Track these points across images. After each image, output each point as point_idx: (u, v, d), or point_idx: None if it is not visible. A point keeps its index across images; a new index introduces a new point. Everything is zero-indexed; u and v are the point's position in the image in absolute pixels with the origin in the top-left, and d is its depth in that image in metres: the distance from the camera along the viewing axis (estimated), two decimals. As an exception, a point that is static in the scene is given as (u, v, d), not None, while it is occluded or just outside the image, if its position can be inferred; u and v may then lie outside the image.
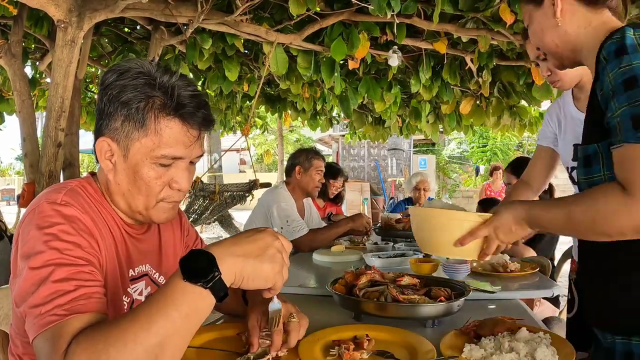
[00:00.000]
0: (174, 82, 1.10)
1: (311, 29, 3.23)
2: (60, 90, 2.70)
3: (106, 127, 1.12)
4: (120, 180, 1.14)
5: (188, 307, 0.87)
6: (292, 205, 3.38)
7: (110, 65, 1.16)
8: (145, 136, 1.09)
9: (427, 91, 4.06)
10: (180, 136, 1.10)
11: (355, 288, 1.59)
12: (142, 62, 1.12)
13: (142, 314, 0.86)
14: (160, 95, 1.08)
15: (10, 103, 4.63)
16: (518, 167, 3.38)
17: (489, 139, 19.63)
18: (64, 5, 2.55)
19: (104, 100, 1.11)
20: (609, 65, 1.12)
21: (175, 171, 1.14)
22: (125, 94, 1.08)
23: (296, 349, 1.23)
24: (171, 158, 1.11)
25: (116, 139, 1.11)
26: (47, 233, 1.00)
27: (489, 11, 2.85)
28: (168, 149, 1.10)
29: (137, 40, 4.00)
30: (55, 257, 0.98)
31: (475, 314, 1.45)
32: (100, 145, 1.13)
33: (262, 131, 8.97)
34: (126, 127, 1.09)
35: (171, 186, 1.15)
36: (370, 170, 14.86)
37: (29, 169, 3.19)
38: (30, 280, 0.96)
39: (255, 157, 27.72)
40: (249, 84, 4.52)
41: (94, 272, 1.02)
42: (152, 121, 1.08)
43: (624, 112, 1.08)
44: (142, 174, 1.12)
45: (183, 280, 0.87)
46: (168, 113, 1.08)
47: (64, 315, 0.91)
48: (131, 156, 1.11)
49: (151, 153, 1.10)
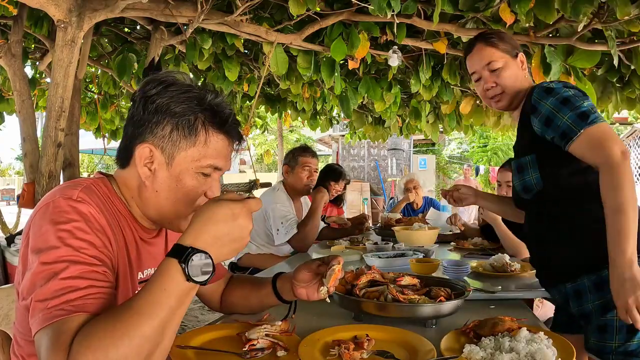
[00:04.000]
0: (218, 100, 1.17)
1: (311, 29, 3.23)
2: (60, 90, 2.70)
3: (149, 135, 1.14)
4: (160, 188, 1.16)
5: (177, 291, 0.92)
6: (288, 205, 3.39)
7: (149, 78, 1.19)
8: (193, 146, 1.14)
9: (427, 91, 4.05)
10: (223, 149, 1.18)
11: (355, 288, 1.59)
12: (182, 75, 1.19)
13: (134, 299, 0.91)
14: (209, 110, 1.15)
15: (10, 103, 4.63)
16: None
17: (489, 139, 19.63)
18: (64, 5, 2.55)
19: (149, 109, 1.14)
20: (543, 99, 1.66)
21: (212, 181, 1.20)
22: (177, 104, 1.13)
23: (296, 349, 1.23)
24: (214, 168, 1.17)
25: (161, 146, 1.14)
26: (62, 229, 1.00)
27: (488, 11, 2.85)
28: (213, 160, 1.16)
29: (137, 40, 4.00)
30: (69, 254, 0.98)
31: (475, 314, 1.45)
32: (142, 151, 1.14)
33: (262, 131, 8.97)
34: (175, 135, 1.13)
35: (207, 195, 1.19)
36: (370, 170, 14.86)
37: (28, 169, 3.19)
38: (41, 274, 0.96)
39: (255, 157, 27.71)
40: (249, 83, 4.52)
41: (107, 272, 1.02)
42: (203, 133, 1.14)
43: (570, 116, 1.57)
44: (185, 182, 1.16)
45: (167, 260, 0.93)
46: (217, 128, 1.16)
47: (70, 311, 0.91)
48: (175, 164, 1.15)
49: (197, 163, 1.15)
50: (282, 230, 3.21)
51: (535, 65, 3.01)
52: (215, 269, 0.96)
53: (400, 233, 3.19)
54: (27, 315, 0.99)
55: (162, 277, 0.92)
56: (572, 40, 2.94)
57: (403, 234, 3.16)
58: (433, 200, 5.55)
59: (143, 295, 0.91)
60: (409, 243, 3.03)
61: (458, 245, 3.19)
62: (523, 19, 2.68)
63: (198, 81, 4.64)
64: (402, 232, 3.18)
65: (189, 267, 0.92)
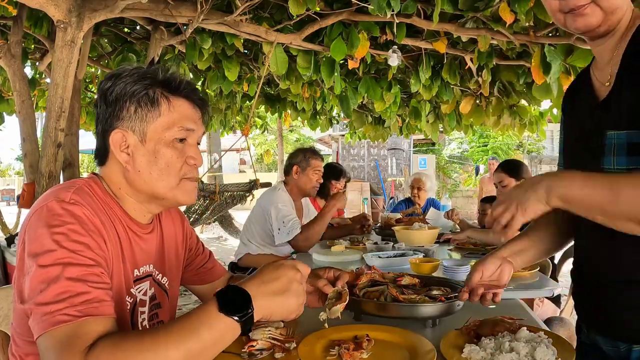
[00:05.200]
0: (170, 73, 1.23)
1: (311, 29, 3.23)
2: (60, 90, 2.69)
3: (117, 121, 1.19)
4: (141, 167, 1.19)
5: (218, 333, 0.94)
6: (290, 205, 3.38)
7: (103, 76, 1.26)
8: (159, 116, 1.19)
9: (426, 91, 4.05)
10: (189, 112, 1.23)
11: (356, 288, 1.59)
12: (131, 64, 1.28)
13: (175, 330, 0.92)
14: (163, 81, 1.21)
15: (10, 103, 4.63)
16: (511, 168, 3.36)
17: (489, 139, 19.62)
18: (64, 5, 2.55)
19: (109, 100, 1.19)
20: None
21: (189, 148, 1.23)
22: (131, 86, 1.18)
23: (296, 349, 1.23)
24: (186, 130, 1.21)
25: (131, 127, 1.18)
26: (57, 232, 1.01)
27: (488, 11, 2.85)
28: (182, 123, 1.20)
29: (137, 40, 4.00)
30: (66, 256, 0.99)
31: (475, 313, 1.45)
32: (115, 137, 1.18)
33: (262, 131, 8.96)
34: (140, 112, 1.18)
35: (188, 162, 1.23)
36: (370, 170, 14.86)
37: (28, 169, 3.19)
38: (39, 278, 0.96)
39: (255, 157, 27.71)
40: (248, 83, 4.52)
41: (103, 274, 1.03)
42: (164, 101, 1.19)
43: None
44: (162, 153, 1.19)
45: (218, 311, 0.94)
46: (174, 93, 1.21)
47: (77, 317, 0.92)
48: (149, 139, 1.19)
49: (168, 130, 1.19)
50: (284, 230, 3.20)
51: (535, 64, 3.01)
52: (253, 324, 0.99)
53: (400, 233, 3.19)
54: (24, 317, 0.99)
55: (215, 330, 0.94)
56: (572, 40, 2.94)
57: (403, 234, 3.16)
58: (434, 200, 5.55)
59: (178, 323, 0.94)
60: (409, 243, 3.03)
61: (458, 245, 3.19)
62: (523, 18, 2.68)
63: (198, 81, 4.65)
64: (402, 232, 3.18)
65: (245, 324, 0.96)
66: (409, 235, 3.13)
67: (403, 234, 3.16)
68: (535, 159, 17.10)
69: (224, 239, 11.42)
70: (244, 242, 3.52)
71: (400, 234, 3.17)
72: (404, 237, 3.12)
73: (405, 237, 3.11)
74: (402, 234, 3.16)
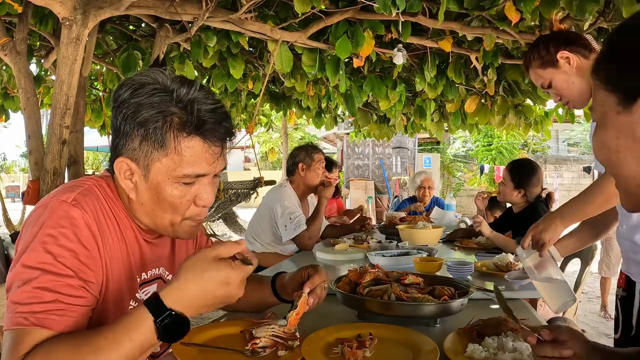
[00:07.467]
0: (192, 96, 1.05)
1: (316, 27, 3.23)
2: (65, 87, 2.70)
3: (124, 147, 1.08)
4: (144, 200, 1.11)
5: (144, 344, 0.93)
6: (296, 202, 3.39)
7: (123, 80, 1.10)
8: (165, 156, 1.05)
9: (432, 89, 4.04)
10: (202, 154, 1.06)
11: (359, 286, 1.58)
12: (157, 75, 1.07)
13: (100, 337, 0.92)
14: (179, 112, 1.04)
15: (15, 100, 4.65)
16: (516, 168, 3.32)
17: (494, 138, 19.56)
18: (69, 2, 2.56)
19: (118, 119, 1.08)
20: None
21: (199, 187, 1.10)
22: (141, 113, 1.04)
23: (299, 347, 1.23)
24: (194, 177, 1.08)
25: (135, 158, 1.07)
26: (47, 233, 1.01)
27: (494, 9, 2.84)
28: (190, 168, 1.06)
29: (142, 37, 4.00)
30: (47, 262, 0.99)
31: (478, 313, 1.45)
32: (119, 165, 1.09)
33: (267, 129, 8.96)
34: (145, 147, 1.05)
35: (196, 203, 1.12)
36: (375, 169, 14.85)
37: (33, 166, 3.20)
38: (18, 275, 0.99)
39: (260, 154, 27.71)
40: (253, 81, 4.52)
41: (82, 287, 1.02)
42: (172, 141, 1.04)
43: None
44: (166, 194, 1.08)
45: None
46: (188, 132, 1.04)
47: (32, 323, 0.94)
48: (152, 176, 1.07)
49: (173, 173, 1.06)
50: (291, 226, 3.21)
51: (541, 63, 2.99)
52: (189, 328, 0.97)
53: (404, 232, 3.19)
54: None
55: (132, 326, 0.93)
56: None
57: (407, 233, 3.16)
58: (438, 199, 5.54)
59: (107, 335, 0.92)
60: (412, 242, 3.03)
61: (462, 244, 3.18)
62: (528, 17, 2.67)
63: (203, 79, 4.65)
64: (406, 231, 3.18)
65: (164, 329, 0.93)
66: (412, 234, 3.12)
67: (407, 233, 3.16)
68: (540, 158, 17.05)
69: (228, 237, 11.44)
70: (249, 240, 3.53)
71: (404, 232, 3.17)
72: (408, 235, 3.12)
73: (409, 236, 3.11)
74: (406, 233, 3.16)
